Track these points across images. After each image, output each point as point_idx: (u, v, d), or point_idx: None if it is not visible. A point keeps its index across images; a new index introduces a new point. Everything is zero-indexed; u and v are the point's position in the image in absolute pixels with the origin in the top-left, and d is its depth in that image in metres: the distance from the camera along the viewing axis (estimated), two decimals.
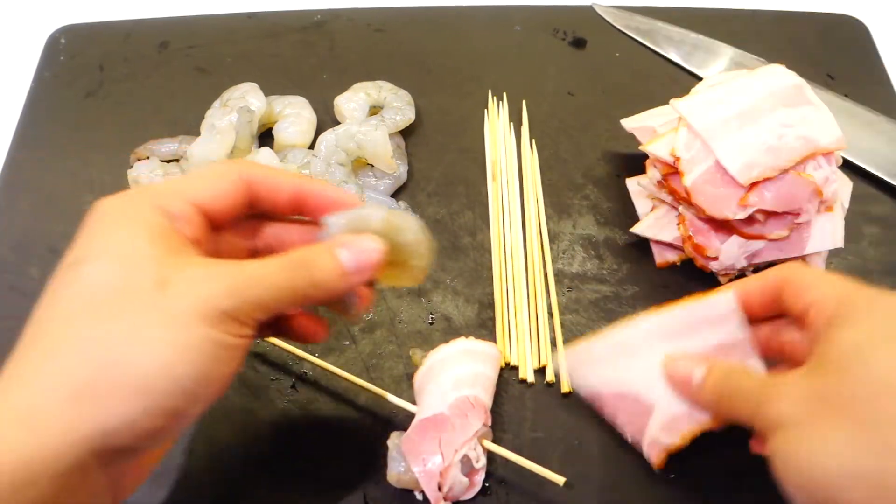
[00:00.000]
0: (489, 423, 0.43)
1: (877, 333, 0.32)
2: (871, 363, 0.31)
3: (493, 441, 0.43)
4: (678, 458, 0.44)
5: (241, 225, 0.36)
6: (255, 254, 0.37)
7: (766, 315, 0.40)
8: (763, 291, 0.39)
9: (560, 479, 0.41)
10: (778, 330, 0.40)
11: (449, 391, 0.43)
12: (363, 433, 0.46)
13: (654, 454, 0.42)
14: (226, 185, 0.34)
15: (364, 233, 0.35)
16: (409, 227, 0.37)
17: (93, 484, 0.29)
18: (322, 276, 0.33)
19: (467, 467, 0.42)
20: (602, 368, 0.43)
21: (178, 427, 0.30)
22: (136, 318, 0.29)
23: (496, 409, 0.45)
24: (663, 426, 0.41)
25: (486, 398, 0.44)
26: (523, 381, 0.47)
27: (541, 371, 0.47)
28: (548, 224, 0.54)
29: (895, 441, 0.29)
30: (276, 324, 0.37)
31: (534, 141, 0.58)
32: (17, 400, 0.28)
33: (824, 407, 0.31)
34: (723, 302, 0.40)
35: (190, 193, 0.33)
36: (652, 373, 0.41)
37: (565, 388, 0.46)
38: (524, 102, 0.60)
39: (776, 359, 0.40)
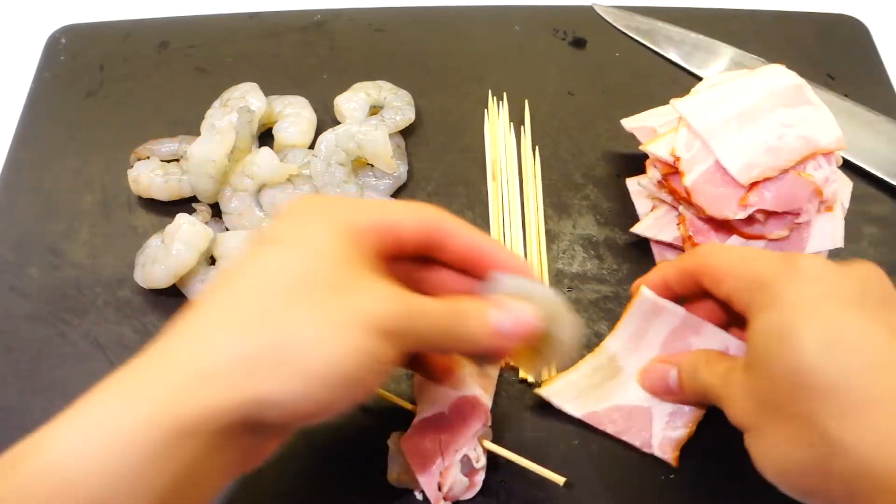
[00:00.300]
0: (489, 423, 0.43)
1: (791, 315, 0.33)
2: (789, 353, 0.32)
3: (493, 441, 0.43)
4: (678, 458, 0.44)
5: (405, 260, 0.37)
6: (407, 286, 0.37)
7: (695, 294, 0.41)
8: (681, 280, 0.40)
9: (560, 479, 0.41)
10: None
11: (449, 391, 0.43)
12: (363, 433, 0.45)
13: (668, 452, 0.43)
14: (414, 222, 0.35)
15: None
16: (567, 323, 0.37)
17: (231, 451, 0.30)
18: (474, 332, 0.34)
19: (467, 467, 0.42)
20: (589, 395, 0.45)
21: (310, 421, 0.31)
22: (313, 309, 0.30)
23: (496, 409, 0.45)
24: (667, 424, 0.42)
25: (486, 398, 0.44)
26: (523, 381, 0.47)
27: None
28: (548, 224, 0.54)
29: (826, 430, 0.31)
30: (414, 358, 0.39)
31: (534, 141, 0.58)
32: (196, 355, 0.29)
33: (764, 410, 0.34)
34: (645, 297, 0.42)
35: (380, 216, 0.35)
36: (636, 383, 0.44)
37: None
38: (526, 102, 0.60)
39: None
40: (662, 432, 0.43)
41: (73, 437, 0.28)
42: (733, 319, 0.42)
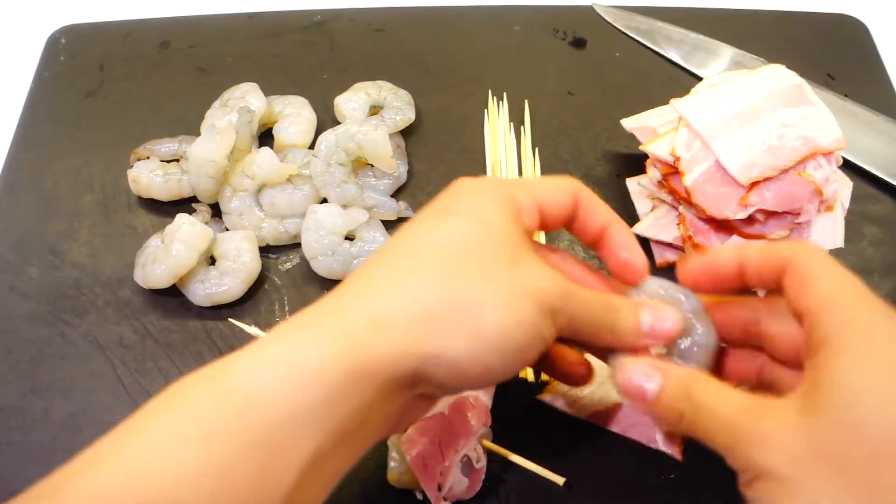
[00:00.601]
0: (489, 423, 0.43)
1: (879, 373, 0.28)
2: (876, 414, 0.27)
3: (494, 441, 0.43)
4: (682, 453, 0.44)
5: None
6: None
7: (765, 287, 0.35)
8: (761, 267, 0.35)
9: (560, 479, 0.41)
10: (764, 318, 0.36)
11: None
12: None
13: (672, 447, 0.43)
14: (565, 196, 0.36)
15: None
16: (707, 330, 0.36)
17: (395, 404, 0.31)
18: (622, 326, 0.35)
19: (467, 467, 0.42)
20: (591, 397, 0.45)
21: (468, 386, 0.33)
22: (491, 279, 0.31)
23: (496, 409, 0.45)
24: None
25: (486, 398, 0.44)
26: (523, 381, 0.47)
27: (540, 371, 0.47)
28: None
29: None
30: (548, 362, 0.39)
31: (534, 141, 0.58)
32: (379, 305, 0.30)
33: (820, 464, 0.28)
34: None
35: (537, 192, 0.36)
36: None
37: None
38: (526, 102, 0.60)
39: (742, 344, 0.37)
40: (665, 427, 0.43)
41: (257, 367, 0.29)
42: (775, 343, 0.36)
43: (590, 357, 0.43)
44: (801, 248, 0.33)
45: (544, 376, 0.47)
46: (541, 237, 0.52)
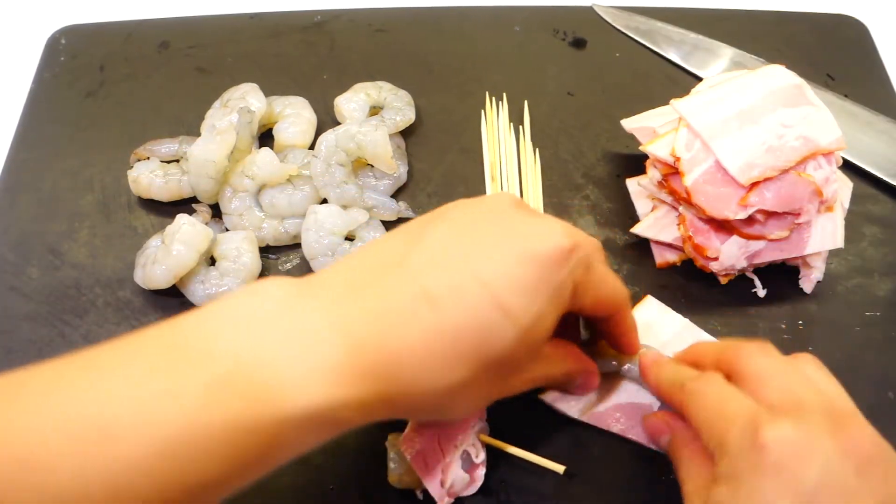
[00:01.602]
0: (485, 417, 0.43)
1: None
2: None
3: (490, 436, 0.43)
4: None
5: None
6: None
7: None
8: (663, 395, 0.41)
9: (560, 468, 0.41)
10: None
11: None
12: (363, 434, 0.45)
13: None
14: (608, 312, 0.39)
15: None
16: None
17: None
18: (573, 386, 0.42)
19: (467, 463, 0.42)
20: (591, 397, 0.45)
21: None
22: (488, 381, 0.34)
23: (496, 406, 0.45)
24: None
25: None
26: None
27: None
28: None
29: None
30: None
31: (534, 141, 0.58)
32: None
33: None
34: (650, 303, 0.45)
35: (595, 306, 0.38)
36: (634, 386, 0.45)
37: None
38: (526, 103, 0.60)
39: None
40: None
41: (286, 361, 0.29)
42: None
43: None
44: (686, 394, 0.37)
45: None
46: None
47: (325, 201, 0.54)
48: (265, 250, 0.53)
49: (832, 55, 0.64)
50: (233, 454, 0.27)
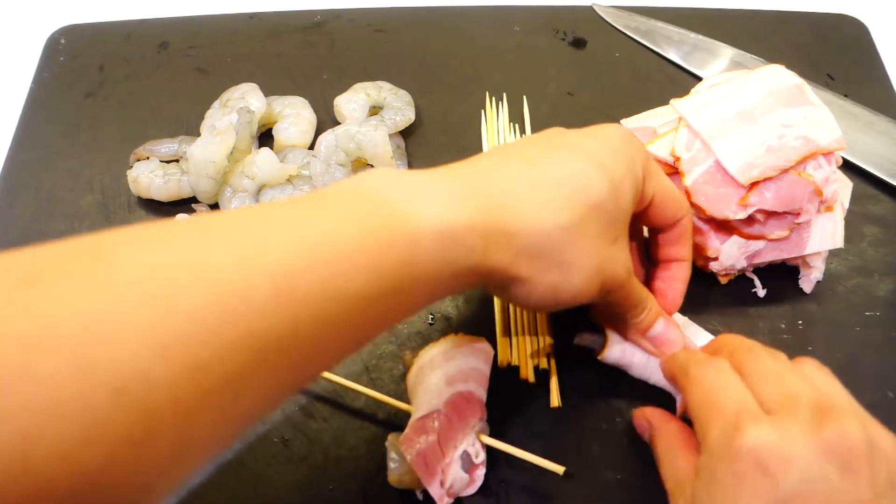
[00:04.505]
0: (485, 418, 0.43)
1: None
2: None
3: (490, 436, 0.43)
4: None
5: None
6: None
7: None
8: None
9: (559, 469, 0.41)
10: None
11: (443, 388, 0.43)
12: (363, 434, 0.46)
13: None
14: (675, 217, 0.43)
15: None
16: None
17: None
18: (638, 321, 0.43)
19: (467, 463, 0.42)
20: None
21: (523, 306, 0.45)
22: (595, 246, 0.37)
23: (497, 408, 0.45)
24: None
25: (481, 392, 0.44)
26: (524, 380, 0.47)
27: (539, 368, 0.47)
28: None
29: None
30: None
31: None
32: (513, 222, 0.34)
33: None
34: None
35: (658, 195, 0.41)
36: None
37: (555, 403, 0.46)
38: (525, 103, 0.60)
39: None
40: None
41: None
42: None
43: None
44: (685, 378, 0.39)
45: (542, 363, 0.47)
46: None
47: None
48: None
49: (832, 55, 0.64)
50: (374, 268, 0.30)
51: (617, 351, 0.44)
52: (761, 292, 0.51)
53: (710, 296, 0.51)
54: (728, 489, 0.32)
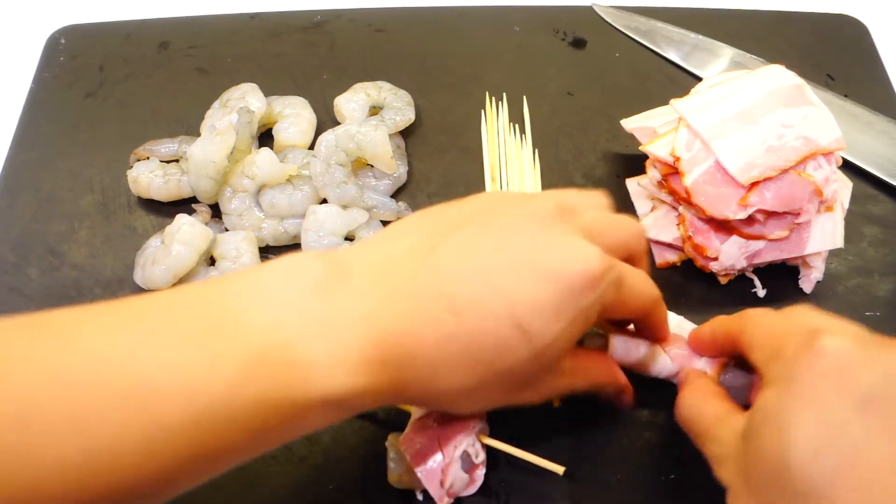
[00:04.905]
0: (485, 418, 0.43)
1: (793, 403, 0.31)
2: (780, 442, 0.31)
3: (490, 436, 0.43)
4: (678, 458, 0.44)
5: None
6: None
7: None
8: (725, 342, 0.40)
9: (559, 469, 0.41)
10: None
11: None
12: (363, 434, 0.46)
13: None
14: (640, 309, 0.39)
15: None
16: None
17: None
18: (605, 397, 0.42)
19: (467, 463, 0.42)
20: None
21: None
22: (498, 390, 0.35)
23: (497, 409, 0.45)
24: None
25: None
26: None
27: None
28: None
29: None
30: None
31: (533, 142, 0.58)
32: (403, 343, 0.32)
33: (747, 486, 0.33)
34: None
35: (629, 302, 0.38)
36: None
37: (555, 403, 0.46)
38: (525, 103, 0.60)
39: None
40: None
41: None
42: None
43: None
44: (747, 314, 0.38)
45: None
46: None
47: (324, 201, 0.54)
48: (265, 250, 0.53)
49: (832, 55, 0.64)
50: (258, 427, 0.29)
51: (620, 350, 0.44)
52: (761, 292, 0.51)
53: (710, 296, 0.51)
54: (810, 386, 0.31)
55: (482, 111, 0.60)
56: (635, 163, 0.55)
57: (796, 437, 0.30)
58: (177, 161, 0.56)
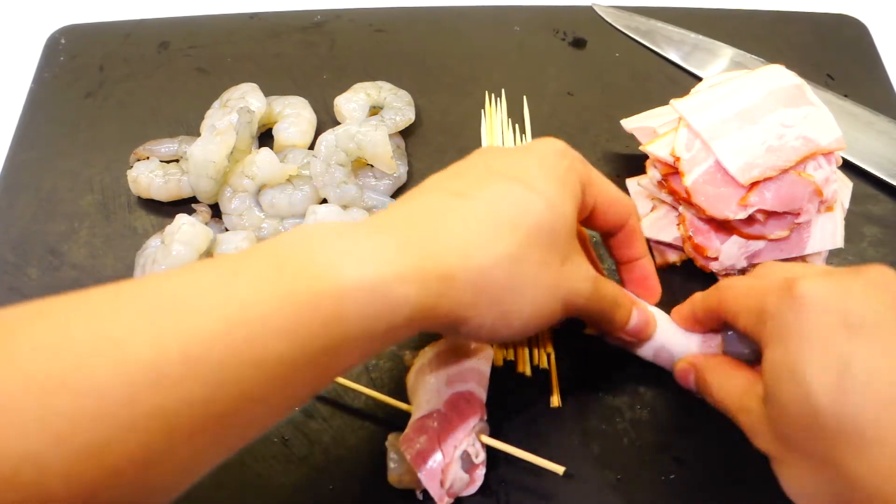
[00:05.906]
0: (485, 418, 0.43)
1: (797, 352, 0.32)
2: (799, 393, 0.32)
3: (491, 435, 0.43)
4: (678, 458, 0.44)
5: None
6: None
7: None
8: (706, 316, 0.41)
9: (559, 469, 0.41)
10: None
11: (443, 388, 0.43)
12: (363, 434, 0.46)
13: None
14: (619, 217, 0.42)
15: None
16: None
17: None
18: (618, 320, 0.42)
19: (467, 463, 0.42)
20: None
21: (481, 341, 0.43)
22: (541, 271, 0.36)
23: (497, 408, 0.45)
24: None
25: (481, 392, 0.44)
26: (524, 380, 0.47)
27: (539, 368, 0.47)
28: None
29: (842, 468, 0.31)
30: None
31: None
32: (446, 265, 0.33)
33: (785, 444, 0.34)
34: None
35: (600, 197, 0.41)
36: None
37: (555, 403, 0.46)
38: (525, 103, 0.60)
39: None
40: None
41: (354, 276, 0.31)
42: None
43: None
44: (722, 285, 0.40)
45: (542, 363, 0.47)
46: None
47: (325, 201, 0.54)
48: None
49: (832, 55, 0.64)
50: (296, 330, 0.29)
51: (638, 321, 0.44)
52: None
53: None
54: (805, 332, 0.32)
55: (482, 111, 0.60)
56: (635, 163, 0.55)
57: (811, 383, 0.31)
58: (177, 161, 0.56)
